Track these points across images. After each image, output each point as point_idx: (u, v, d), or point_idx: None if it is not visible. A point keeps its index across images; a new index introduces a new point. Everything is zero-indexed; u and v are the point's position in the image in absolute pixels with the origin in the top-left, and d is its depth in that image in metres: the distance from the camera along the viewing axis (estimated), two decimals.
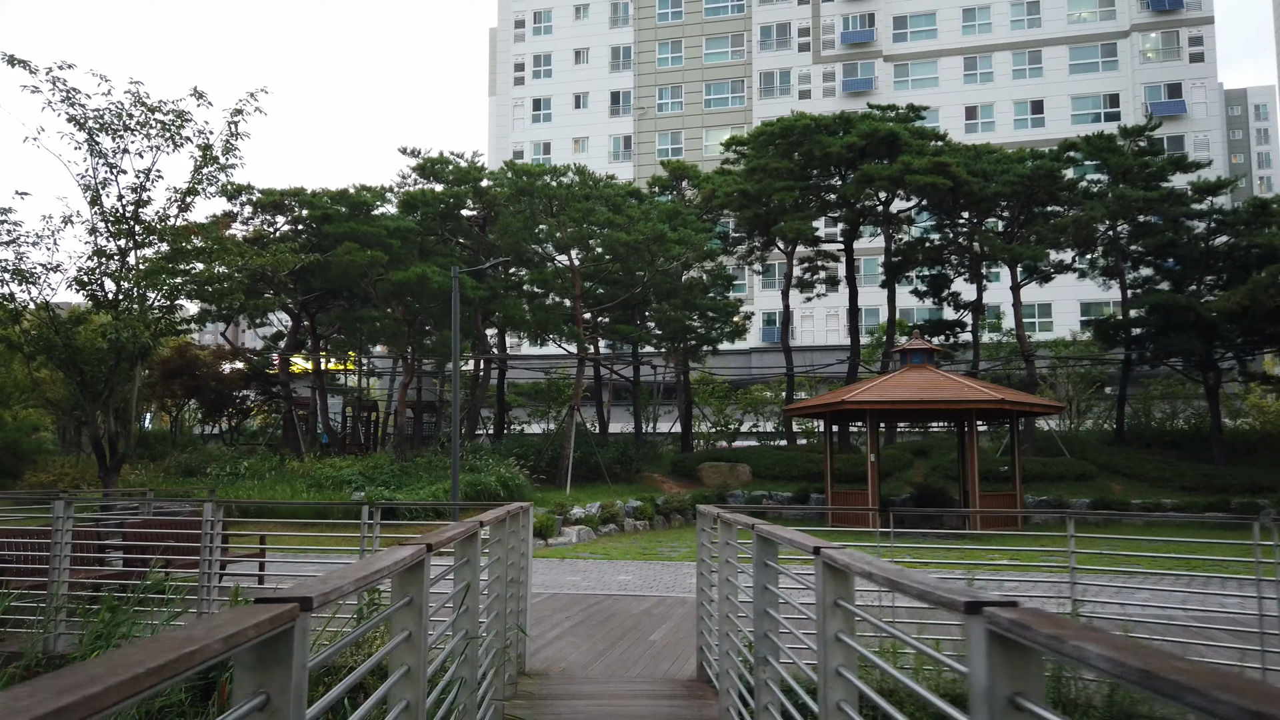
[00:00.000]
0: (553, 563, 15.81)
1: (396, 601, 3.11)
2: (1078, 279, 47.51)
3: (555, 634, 9.05)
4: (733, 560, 5.75)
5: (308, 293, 27.51)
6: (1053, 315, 51.64)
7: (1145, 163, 29.24)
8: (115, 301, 12.87)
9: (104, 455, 12.91)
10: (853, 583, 3.14)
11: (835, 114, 28.81)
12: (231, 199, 23.95)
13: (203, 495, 15.63)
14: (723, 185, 29.29)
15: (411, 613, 3.12)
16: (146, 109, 12.74)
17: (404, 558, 2.92)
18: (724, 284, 31.74)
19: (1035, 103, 54.88)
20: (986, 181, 27.14)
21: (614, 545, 18.78)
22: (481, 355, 27.61)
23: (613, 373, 33.97)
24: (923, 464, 28.48)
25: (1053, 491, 24.91)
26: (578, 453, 25.35)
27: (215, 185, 13.56)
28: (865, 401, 20.48)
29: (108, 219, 12.88)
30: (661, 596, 11.61)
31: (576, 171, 24.49)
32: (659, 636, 8.98)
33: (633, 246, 23.33)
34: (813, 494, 26.23)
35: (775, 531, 4.21)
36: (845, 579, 3.13)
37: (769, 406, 39.18)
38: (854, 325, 30.46)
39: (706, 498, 25.44)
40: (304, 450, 25.35)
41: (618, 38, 61.82)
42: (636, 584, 13.05)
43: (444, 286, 21.38)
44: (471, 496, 20.33)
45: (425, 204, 24.15)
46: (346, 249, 21.06)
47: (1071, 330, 47.06)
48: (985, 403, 20.11)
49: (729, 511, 6.01)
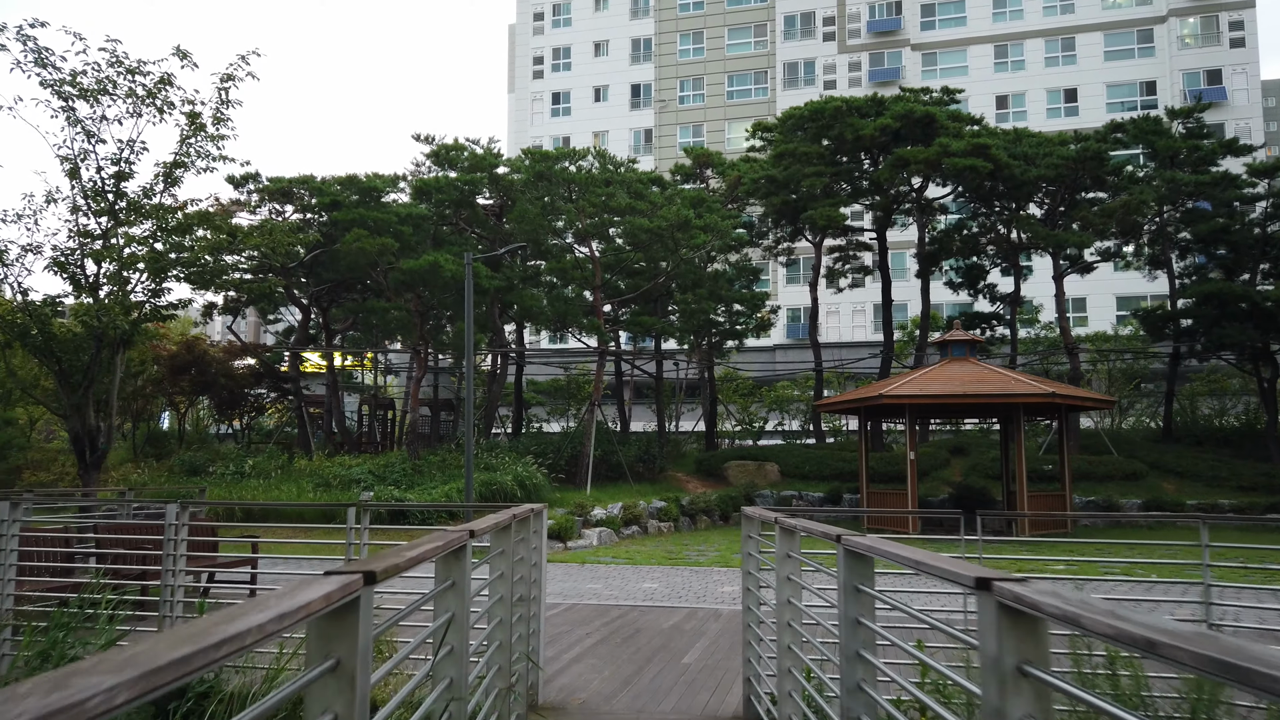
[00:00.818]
0: (572, 568, 14.67)
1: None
2: (1114, 271, 46.00)
3: (574, 654, 7.90)
4: (797, 576, 4.57)
5: (319, 285, 26.54)
6: (1087, 310, 50.01)
7: (1195, 145, 27.76)
8: (96, 285, 11.83)
9: (83, 452, 11.88)
10: None
11: (868, 96, 27.48)
12: (238, 187, 22.98)
13: (194, 495, 14.61)
14: (749, 172, 28.06)
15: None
16: (126, 70, 11.67)
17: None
18: (749, 277, 30.52)
19: (1068, 91, 53.27)
20: (1028, 165, 25.74)
21: (637, 549, 17.62)
22: (498, 349, 26.52)
23: (634, 367, 32.81)
24: (960, 462, 27.13)
25: (1101, 492, 23.50)
26: (598, 451, 24.22)
27: (206, 159, 12.47)
28: (905, 396, 19.19)
29: (87, 194, 11.81)
30: (692, 608, 10.44)
31: (596, 155, 23.29)
32: (694, 658, 7.80)
33: (656, 233, 22.14)
34: (845, 494, 24.97)
35: (877, 546, 3.02)
36: None
37: (794, 404, 37.91)
38: (887, 316, 29.14)
39: (733, 498, 24.23)
40: (314, 448, 24.36)
41: (638, 29, 60.70)
42: (664, 593, 11.88)
43: (457, 275, 20.29)
44: (486, 497, 19.24)
45: (439, 190, 23.03)
46: (355, 236, 19.96)
47: (1111, 323, 45.51)
48: (1035, 396, 18.78)
49: (787, 515, 4.83)
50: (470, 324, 16.93)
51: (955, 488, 24.58)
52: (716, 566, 14.84)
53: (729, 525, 23.21)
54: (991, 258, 30.25)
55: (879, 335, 51.30)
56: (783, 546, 4.62)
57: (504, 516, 4.51)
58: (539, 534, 6.20)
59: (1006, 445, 23.51)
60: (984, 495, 23.85)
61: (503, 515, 4.50)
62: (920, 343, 30.09)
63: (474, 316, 26.25)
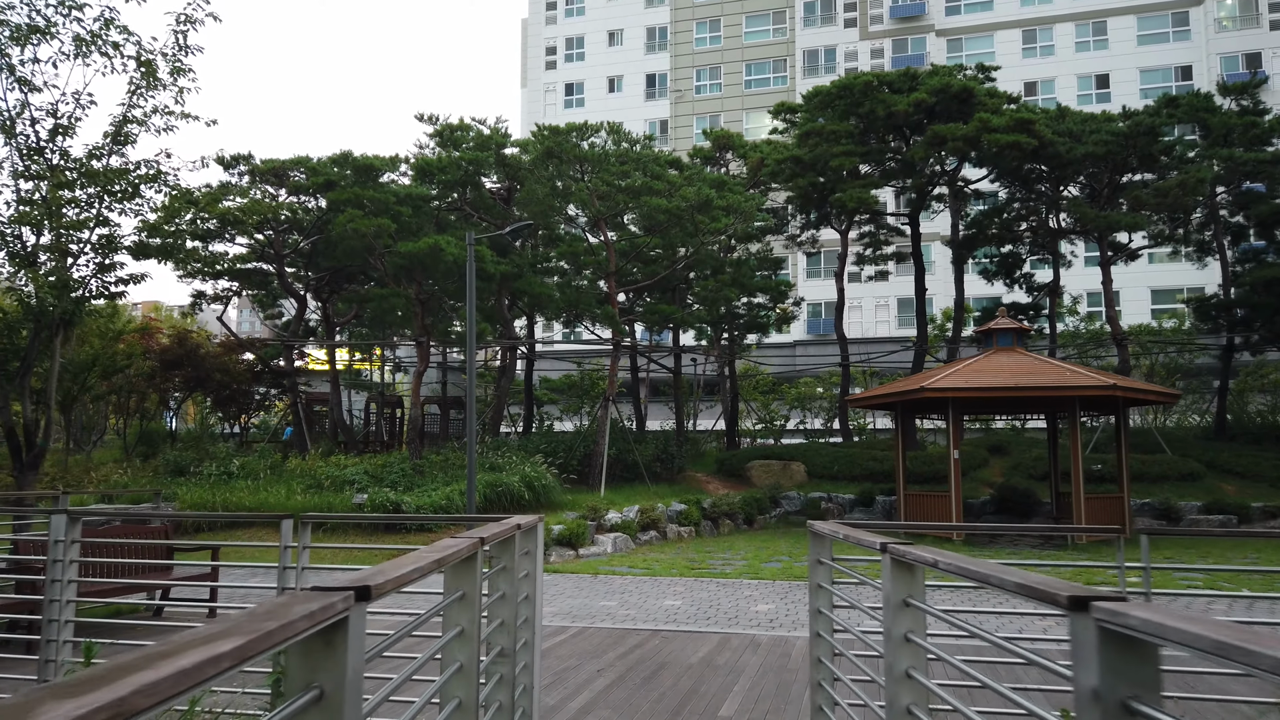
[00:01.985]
0: (584, 580, 13.08)
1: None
2: (1149, 264, 44.14)
3: (581, 702, 6.28)
4: (918, 637, 2.94)
5: (317, 274, 25.05)
6: (1121, 304, 48.06)
7: (1251, 122, 25.90)
8: (33, 258, 10.30)
9: (19, 448, 10.35)
10: None
11: (899, 71, 25.73)
12: (228, 168, 21.47)
13: (166, 497, 13.08)
14: (772, 154, 26.35)
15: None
16: (61, 4, 10.12)
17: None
18: (771, 267, 28.85)
19: (1100, 77, 51.37)
20: (1075, 143, 23.95)
21: (656, 557, 16.01)
22: (506, 341, 24.94)
23: (650, 360, 31.18)
24: (1000, 462, 25.38)
25: (1156, 494, 21.69)
26: (613, 450, 22.62)
27: (163, 115, 10.92)
28: (950, 389, 17.47)
29: (23, 153, 10.29)
30: (724, 634, 8.81)
31: (610, 130, 21.63)
32: (733, 710, 6.17)
33: (675, 215, 20.48)
34: (878, 496, 23.28)
35: None
36: None
37: (817, 401, 36.20)
38: (920, 307, 27.36)
39: (758, 500, 22.58)
40: (309, 447, 22.86)
41: (653, 17, 59.14)
42: (689, 612, 10.26)
43: (460, 260, 18.70)
44: (491, 499, 17.67)
45: (441, 170, 21.43)
46: (349, 216, 18.36)
47: (1146, 317, 43.59)
48: (1095, 389, 17.02)
49: (899, 541, 3.19)
50: (472, 309, 15.34)
51: (997, 489, 22.84)
52: (745, 579, 13.22)
53: (753, 530, 21.58)
54: (1029, 246, 28.52)
55: (902, 331, 49.65)
56: (898, 585, 2.98)
57: (465, 544, 2.95)
58: (533, 555, 4.60)
59: (1054, 443, 21.78)
60: (1029, 497, 22.10)
61: (462, 542, 2.96)
62: (954, 334, 28.35)
63: (481, 307, 24.71)
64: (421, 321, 20.86)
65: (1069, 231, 27.10)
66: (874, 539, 3.26)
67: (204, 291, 23.26)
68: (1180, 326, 36.30)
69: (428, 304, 21.77)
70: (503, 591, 3.84)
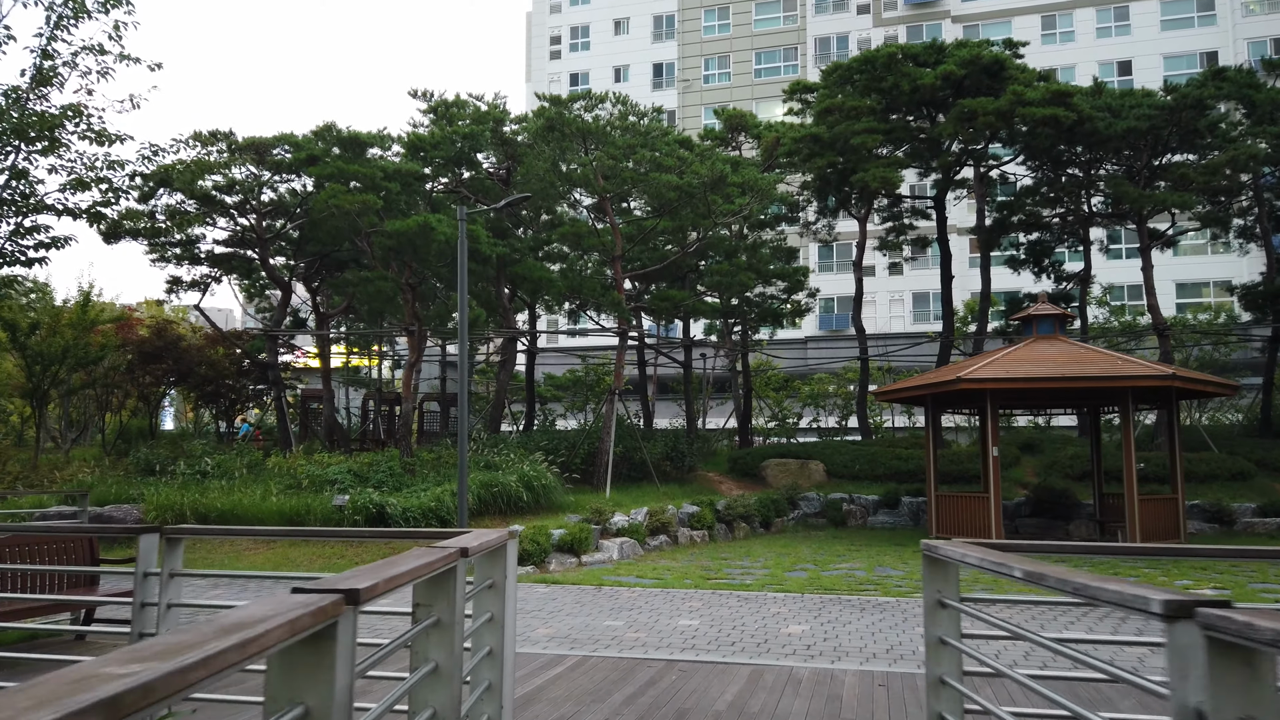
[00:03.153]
0: (586, 593, 11.53)
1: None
2: (1174, 256, 42.47)
3: None
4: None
5: (304, 259, 23.53)
6: (1143, 297, 46.40)
7: None
8: None
9: None
10: None
11: (925, 43, 24.12)
12: (206, 145, 19.95)
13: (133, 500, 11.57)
14: (788, 133, 24.76)
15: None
16: None
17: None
18: (785, 256, 27.29)
19: (1122, 63, 49.71)
20: (1114, 118, 22.33)
21: (667, 564, 14.46)
22: (505, 331, 23.40)
23: (658, 352, 29.62)
24: (1033, 461, 23.76)
25: (1206, 494, 20.07)
26: (619, 448, 21.07)
27: (96, 54, 9.40)
28: (989, 380, 15.87)
29: None
30: (755, 666, 7.24)
31: (617, 101, 20.05)
32: None
33: (686, 193, 18.91)
34: (904, 497, 21.70)
35: None
36: None
37: (832, 399, 34.59)
38: (946, 296, 25.73)
39: (775, 501, 21.01)
40: (293, 444, 21.34)
41: (660, 5, 57.64)
42: (709, 635, 8.70)
43: (453, 240, 17.17)
44: (485, 500, 16.12)
45: (434, 147, 19.89)
46: (330, 192, 16.81)
47: (1171, 311, 41.89)
48: (1151, 379, 15.41)
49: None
50: (463, 287, 13.79)
51: (1033, 490, 21.25)
52: (770, 590, 11.65)
53: (771, 533, 20.01)
54: (1058, 233, 26.92)
55: (918, 326, 47.97)
56: None
57: None
58: (499, 589, 3.04)
59: (1097, 440, 20.17)
60: (1068, 498, 20.51)
61: None
62: (979, 327, 26.75)
63: (477, 291, 23.15)
64: (412, 309, 19.32)
65: (1104, 215, 25.49)
66: (1136, 592, 1.73)
67: (179, 278, 21.77)
68: (1214, 320, 34.61)
69: (419, 290, 20.22)
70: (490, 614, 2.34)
